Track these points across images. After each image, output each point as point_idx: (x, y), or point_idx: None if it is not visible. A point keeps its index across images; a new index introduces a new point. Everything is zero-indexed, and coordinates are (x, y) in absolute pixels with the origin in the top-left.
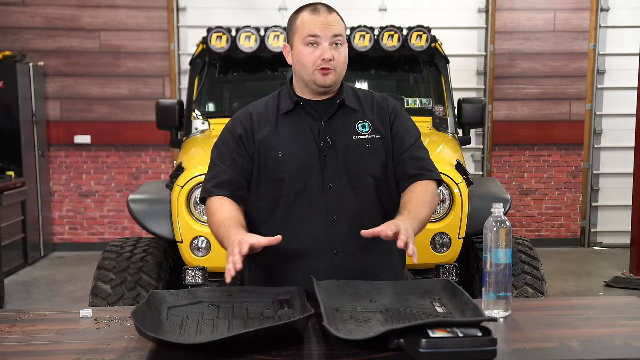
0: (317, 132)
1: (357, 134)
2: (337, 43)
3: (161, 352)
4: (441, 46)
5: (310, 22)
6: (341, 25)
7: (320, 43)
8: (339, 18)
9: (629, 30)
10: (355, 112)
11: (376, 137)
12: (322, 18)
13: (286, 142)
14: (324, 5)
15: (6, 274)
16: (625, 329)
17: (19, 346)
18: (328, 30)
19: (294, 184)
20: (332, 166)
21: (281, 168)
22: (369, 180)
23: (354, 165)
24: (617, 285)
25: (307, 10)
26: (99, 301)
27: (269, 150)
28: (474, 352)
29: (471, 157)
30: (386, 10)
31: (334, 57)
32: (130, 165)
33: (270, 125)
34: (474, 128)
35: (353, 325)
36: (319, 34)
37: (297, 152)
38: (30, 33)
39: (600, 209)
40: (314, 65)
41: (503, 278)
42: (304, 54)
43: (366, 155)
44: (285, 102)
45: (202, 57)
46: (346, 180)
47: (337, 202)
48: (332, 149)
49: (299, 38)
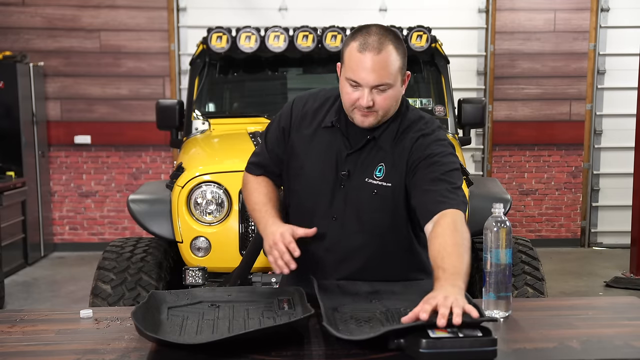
0: (342, 160)
1: (371, 176)
2: (381, 89)
3: (161, 352)
4: (441, 46)
5: (354, 62)
6: (391, 66)
7: (360, 86)
8: (389, 57)
9: (629, 30)
10: (383, 150)
11: (387, 184)
12: (367, 60)
13: (312, 158)
14: (377, 37)
15: (6, 274)
16: (625, 329)
17: (19, 346)
18: (370, 77)
19: (305, 201)
20: (340, 199)
21: (298, 180)
22: (371, 227)
23: (358, 205)
24: (617, 285)
25: (357, 40)
26: (99, 301)
27: (295, 157)
28: (474, 352)
29: (471, 157)
30: (386, 10)
31: (373, 103)
32: (130, 165)
33: (310, 130)
34: (474, 128)
35: (353, 325)
36: (359, 81)
37: (317, 174)
38: (30, 33)
39: (600, 209)
40: (352, 105)
41: (503, 278)
42: (344, 90)
43: (370, 201)
44: (330, 116)
45: (202, 57)
46: (350, 217)
47: (336, 235)
48: (348, 182)
49: (344, 70)
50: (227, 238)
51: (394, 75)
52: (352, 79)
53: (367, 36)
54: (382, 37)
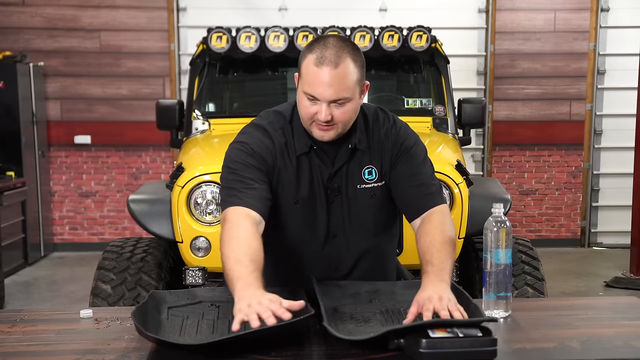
0: (327, 179)
1: (363, 181)
2: (339, 103)
3: (161, 352)
4: (441, 46)
5: (311, 76)
6: (349, 80)
7: (318, 100)
8: (347, 70)
9: (629, 30)
10: (362, 152)
11: (380, 184)
12: (324, 75)
13: (302, 187)
14: (334, 50)
15: (6, 274)
16: (625, 329)
17: (19, 346)
18: (327, 93)
19: (300, 234)
20: (336, 214)
21: (293, 214)
22: (372, 228)
23: (359, 214)
24: (617, 285)
25: (314, 54)
26: (99, 301)
27: (286, 194)
28: (474, 352)
29: (471, 157)
30: (386, 10)
31: (332, 117)
32: (130, 165)
33: (292, 165)
34: (474, 128)
35: (353, 325)
36: (316, 96)
37: (311, 200)
38: (30, 33)
39: (600, 209)
40: (310, 119)
41: (503, 278)
42: (302, 104)
43: (371, 206)
44: (300, 142)
45: (202, 57)
46: (350, 228)
47: (340, 251)
48: (339, 196)
49: (301, 83)
50: None
51: (351, 88)
52: (309, 93)
53: (324, 49)
54: (340, 50)
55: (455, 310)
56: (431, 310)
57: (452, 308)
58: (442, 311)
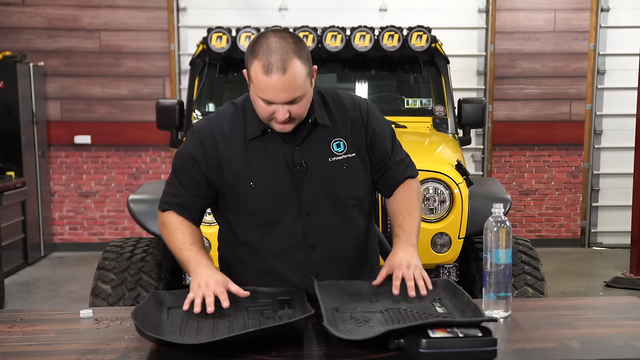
0: (290, 157)
1: (332, 154)
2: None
3: (161, 352)
4: (441, 46)
5: (262, 84)
6: (299, 79)
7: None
8: (296, 72)
9: (629, 30)
10: (327, 127)
11: (351, 155)
12: (274, 82)
13: (257, 170)
14: (279, 55)
15: (6, 274)
16: (625, 329)
17: (19, 346)
18: (281, 97)
19: (268, 215)
20: (308, 191)
21: (254, 199)
22: (348, 202)
23: (332, 189)
24: (617, 285)
25: (261, 61)
26: (99, 301)
27: (240, 180)
28: (474, 352)
29: (471, 157)
30: (386, 10)
31: (290, 113)
32: (130, 165)
33: (238, 151)
34: (474, 128)
35: (353, 325)
36: (271, 100)
37: (271, 181)
38: (30, 33)
39: (600, 209)
40: (268, 117)
41: (503, 278)
42: (258, 104)
43: (344, 178)
44: (252, 126)
45: (202, 57)
46: (324, 204)
47: (316, 228)
48: (307, 173)
49: (253, 87)
50: None
51: (303, 86)
52: (263, 99)
53: (268, 55)
54: (284, 52)
55: (419, 279)
56: (399, 278)
57: (417, 276)
58: (409, 281)
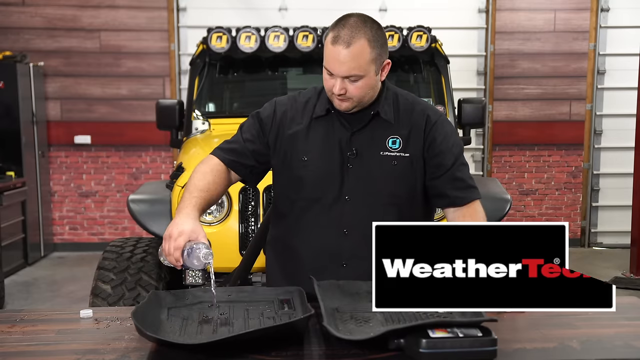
0: (345, 142)
1: (386, 149)
2: (352, 79)
3: (161, 352)
4: (441, 46)
5: (328, 52)
6: (360, 59)
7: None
8: (359, 50)
9: (629, 30)
10: (389, 124)
11: (405, 154)
12: (337, 52)
13: (313, 146)
14: (350, 31)
15: (6, 274)
16: (625, 329)
17: (19, 346)
18: (339, 69)
19: (311, 190)
20: (353, 178)
21: (303, 171)
22: (387, 199)
23: (375, 181)
24: (617, 285)
25: (333, 32)
26: (99, 301)
27: (295, 151)
28: (474, 352)
29: (471, 157)
30: (386, 10)
31: (346, 91)
32: (130, 165)
33: (302, 125)
34: (474, 128)
35: (353, 325)
36: (330, 70)
37: (321, 159)
38: (30, 33)
39: (600, 209)
40: (329, 90)
41: None
42: (324, 76)
43: (390, 174)
44: (321, 106)
45: (202, 57)
46: (365, 194)
47: (352, 215)
48: (357, 160)
49: (324, 57)
50: (227, 238)
51: (364, 67)
52: (327, 68)
53: (341, 29)
54: (355, 30)
55: None
56: None
57: None
58: None
